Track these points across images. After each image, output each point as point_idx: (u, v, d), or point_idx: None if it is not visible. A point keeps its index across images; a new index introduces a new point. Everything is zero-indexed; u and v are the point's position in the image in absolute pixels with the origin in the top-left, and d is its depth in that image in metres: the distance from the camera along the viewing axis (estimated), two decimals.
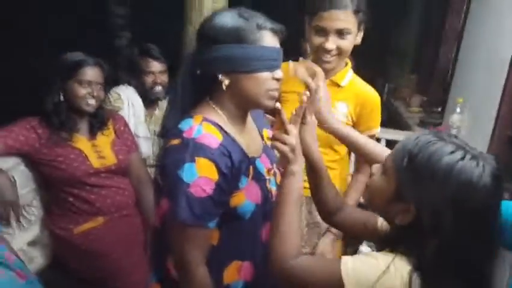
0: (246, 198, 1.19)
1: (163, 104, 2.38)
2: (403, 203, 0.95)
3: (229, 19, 1.14)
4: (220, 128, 1.17)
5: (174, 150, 1.12)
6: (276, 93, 1.19)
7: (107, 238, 1.98)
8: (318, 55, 1.61)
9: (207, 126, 1.15)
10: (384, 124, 1.92)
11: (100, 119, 2.02)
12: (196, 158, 1.09)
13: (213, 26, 1.15)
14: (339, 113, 1.69)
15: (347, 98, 1.70)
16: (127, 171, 2.08)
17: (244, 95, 1.17)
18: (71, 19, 4.65)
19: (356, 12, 1.54)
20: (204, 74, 1.17)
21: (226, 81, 1.15)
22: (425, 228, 0.91)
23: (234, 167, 1.14)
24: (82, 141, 1.96)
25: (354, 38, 1.59)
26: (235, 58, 1.13)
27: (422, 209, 0.91)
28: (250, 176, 1.20)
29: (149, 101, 2.39)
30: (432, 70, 4.12)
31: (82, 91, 1.90)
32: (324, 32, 1.55)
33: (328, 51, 1.57)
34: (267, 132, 1.37)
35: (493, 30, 2.79)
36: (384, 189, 0.99)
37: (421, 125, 3.60)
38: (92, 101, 1.93)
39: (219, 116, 1.19)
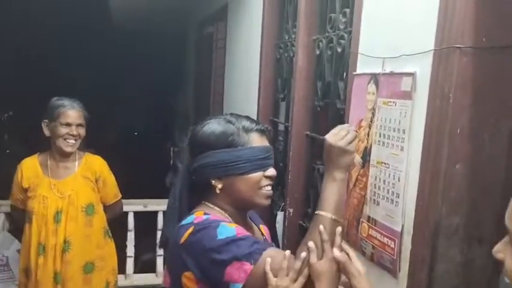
0: None
1: None
2: None
3: (217, 126, 1.20)
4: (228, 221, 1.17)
5: (193, 236, 1.11)
6: (270, 191, 1.22)
7: None
8: None
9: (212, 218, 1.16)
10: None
11: None
12: (221, 223, 1.13)
13: (202, 134, 1.20)
14: None
15: None
16: None
17: (238, 196, 1.19)
18: None
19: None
20: (197, 180, 1.21)
21: (219, 185, 1.18)
22: None
23: None
24: None
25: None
26: (227, 162, 1.16)
27: None
28: None
29: None
30: None
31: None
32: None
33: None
34: (264, 229, 1.39)
35: (244, 92, 3.23)
36: None
37: None
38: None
39: (219, 213, 1.21)
